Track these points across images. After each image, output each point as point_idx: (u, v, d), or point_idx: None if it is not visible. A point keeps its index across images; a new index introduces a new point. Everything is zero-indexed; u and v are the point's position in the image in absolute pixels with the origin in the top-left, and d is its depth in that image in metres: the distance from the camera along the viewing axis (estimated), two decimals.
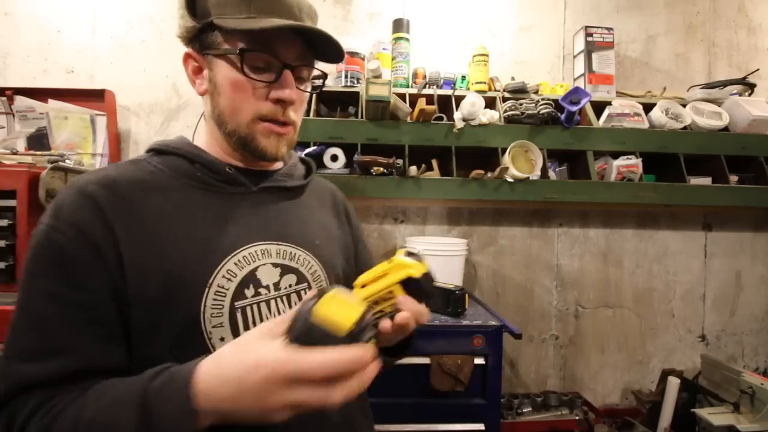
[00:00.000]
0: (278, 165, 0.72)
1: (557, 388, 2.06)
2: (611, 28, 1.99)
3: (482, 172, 1.74)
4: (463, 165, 1.78)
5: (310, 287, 0.65)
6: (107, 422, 0.42)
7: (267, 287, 0.61)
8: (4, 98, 1.86)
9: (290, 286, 0.63)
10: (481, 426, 1.37)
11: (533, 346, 2.10)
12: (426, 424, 1.33)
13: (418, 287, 0.54)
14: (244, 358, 0.40)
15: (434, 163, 1.84)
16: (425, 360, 1.37)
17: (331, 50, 0.63)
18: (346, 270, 0.74)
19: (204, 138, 0.69)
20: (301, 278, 0.65)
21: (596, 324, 2.13)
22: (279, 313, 0.61)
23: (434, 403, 1.34)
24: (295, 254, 0.65)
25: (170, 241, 0.55)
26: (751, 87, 2.01)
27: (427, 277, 0.55)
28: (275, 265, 0.62)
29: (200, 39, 0.61)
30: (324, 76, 0.69)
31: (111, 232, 0.52)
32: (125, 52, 2.01)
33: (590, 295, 2.13)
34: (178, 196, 0.59)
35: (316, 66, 0.67)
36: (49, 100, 1.86)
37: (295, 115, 0.65)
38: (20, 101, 1.84)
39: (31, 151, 1.70)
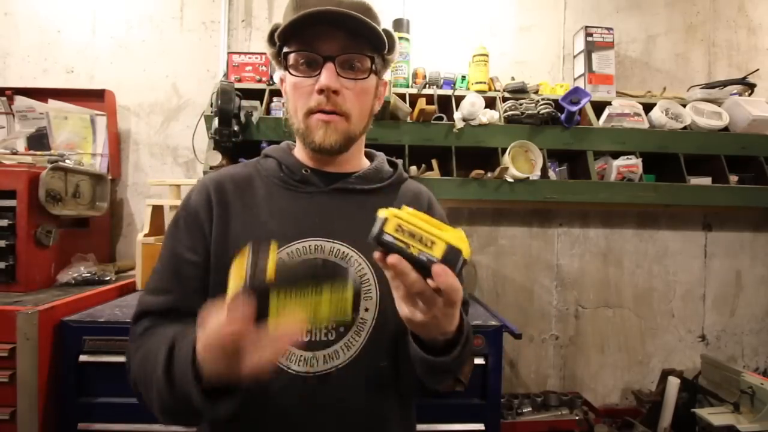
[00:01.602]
0: (358, 167, 0.76)
1: (557, 388, 2.05)
2: (611, 28, 1.99)
3: (482, 172, 1.74)
4: (463, 165, 1.78)
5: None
6: (155, 355, 0.56)
7: None
8: (4, 98, 1.86)
9: None
10: (481, 426, 1.36)
11: (533, 346, 2.10)
12: (426, 424, 1.33)
13: (459, 268, 0.48)
14: (202, 331, 0.48)
15: (434, 163, 1.84)
16: None
17: (372, 36, 0.64)
18: None
19: (296, 144, 0.77)
20: None
21: (596, 324, 2.13)
22: None
23: (434, 403, 1.34)
24: (347, 254, 0.67)
25: (244, 228, 0.68)
26: (751, 87, 2.01)
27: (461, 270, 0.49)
28: (326, 261, 0.67)
29: (279, 62, 0.70)
30: (372, 59, 0.67)
31: (211, 215, 0.69)
32: (125, 52, 2.01)
33: (590, 295, 2.13)
34: (263, 192, 0.71)
35: (366, 53, 0.66)
36: (49, 100, 1.86)
37: (347, 105, 0.66)
38: (20, 101, 1.84)
39: (31, 151, 1.71)
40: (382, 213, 0.49)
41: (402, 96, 1.81)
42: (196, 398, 0.48)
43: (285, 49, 0.66)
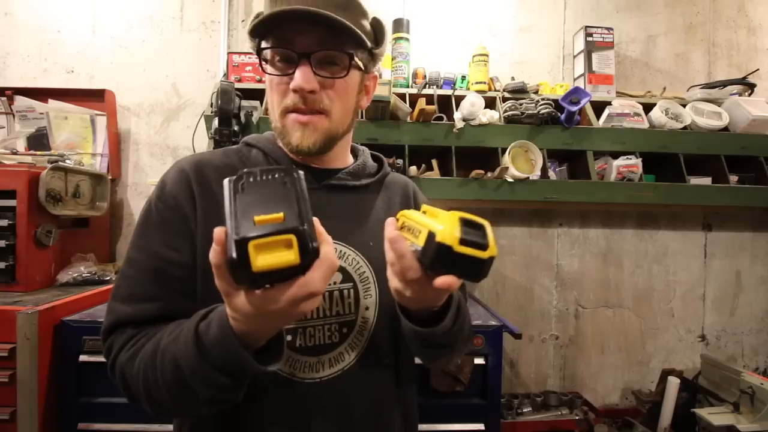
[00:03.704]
0: (345, 163, 0.73)
1: (557, 388, 2.06)
2: (611, 28, 1.99)
3: (482, 172, 1.74)
4: (463, 165, 1.78)
5: (355, 287, 0.66)
6: (172, 352, 0.50)
7: None
8: (4, 98, 1.86)
9: (334, 283, 0.65)
10: (481, 426, 1.36)
11: (533, 346, 2.10)
12: (426, 424, 1.33)
13: (437, 251, 0.45)
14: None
15: (434, 163, 1.84)
16: (419, 361, 1.36)
17: (352, 35, 0.60)
18: None
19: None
20: (347, 277, 0.66)
21: (596, 324, 2.13)
22: (317, 308, 0.63)
23: (434, 403, 1.34)
24: (345, 253, 0.66)
25: None
26: (751, 87, 2.01)
27: (458, 252, 0.45)
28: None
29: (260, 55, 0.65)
30: (350, 56, 0.62)
31: (194, 207, 0.62)
32: (125, 52, 2.01)
33: (590, 295, 2.13)
34: None
35: (345, 50, 0.62)
36: (49, 100, 1.86)
37: (325, 102, 0.62)
38: (20, 101, 1.84)
39: (31, 151, 1.71)
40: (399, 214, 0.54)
41: (402, 96, 1.81)
42: (250, 365, 0.45)
43: (262, 44, 0.62)
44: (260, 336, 0.47)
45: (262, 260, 0.38)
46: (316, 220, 0.43)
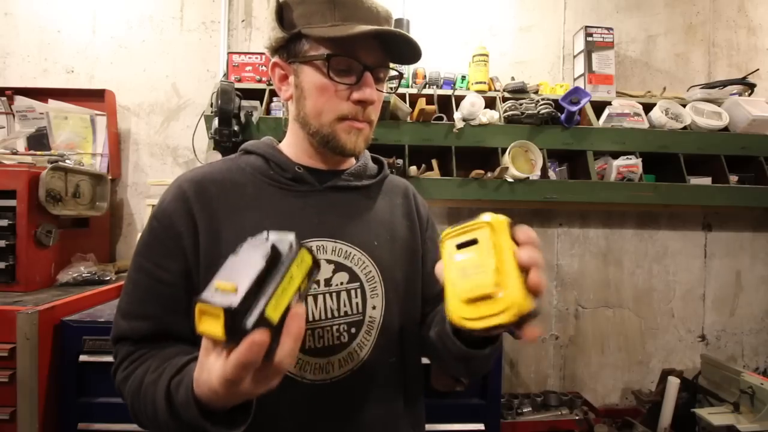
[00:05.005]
0: (348, 164, 0.74)
1: (557, 388, 2.05)
2: (611, 28, 1.99)
3: (482, 172, 1.74)
4: (463, 165, 1.78)
5: (361, 286, 0.66)
6: (152, 394, 0.53)
7: (317, 282, 0.64)
8: (4, 98, 1.86)
9: (341, 283, 0.65)
10: (481, 426, 1.37)
11: (533, 346, 2.10)
12: (426, 424, 1.33)
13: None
14: (199, 377, 0.44)
15: (434, 163, 1.84)
16: (425, 360, 1.36)
17: (408, 51, 0.65)
18: (410, 274, 0.73)
19: (286, 139, 0.74)
20: (353, 277, 0.66)
21: (596, 324, 2.13)
22: (325, 308, 0.64)
23: (434, 403, 1.34)
24: (350, 253, 0.67)
25: (236, 233, 0.62)
26: (751, 87, 2.01)
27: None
28: (329, 261, 0.65)
29: (288, 48, 0.65)
30: (399, 76, 0.73)
31: (193, 223, 0.62)
32: (125, 52, 2.01)
33: (590, 295, 2.13)
34: (252, 191, 0.66)
35: (392, 67, 0.69)
36: (49, 100, 1.86)
37: (374, 114, 0.68)
38: (20, 101, 1.84)
39: (31, 151, 1.71)
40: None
41: (402, 96, 1.81)
42: (210, 429, 0.47)
43: (324, 51, 0.62)
44: (225, 403, 0.45)
45: (202, 325, 0.39)
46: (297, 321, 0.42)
